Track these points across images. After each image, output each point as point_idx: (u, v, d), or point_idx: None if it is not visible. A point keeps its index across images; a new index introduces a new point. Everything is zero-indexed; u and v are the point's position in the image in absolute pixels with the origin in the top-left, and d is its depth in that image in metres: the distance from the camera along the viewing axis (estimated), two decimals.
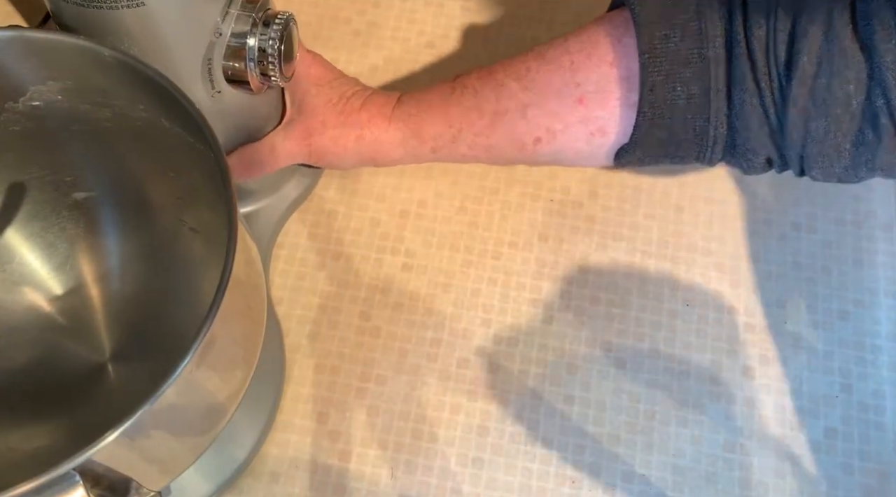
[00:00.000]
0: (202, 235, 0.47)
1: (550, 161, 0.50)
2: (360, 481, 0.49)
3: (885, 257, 0.55)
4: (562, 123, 0.48)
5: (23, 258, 0.48)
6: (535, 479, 0.49)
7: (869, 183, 0.57)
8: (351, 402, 0.51)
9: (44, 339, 0.48)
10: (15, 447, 0.45)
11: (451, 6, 0.64)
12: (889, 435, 0.50)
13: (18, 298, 0.48)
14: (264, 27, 0.44)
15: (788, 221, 0.56)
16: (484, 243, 0.56)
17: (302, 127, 0.52)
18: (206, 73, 0.45)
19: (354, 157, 0.53)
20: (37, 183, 0.46)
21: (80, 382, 0.47)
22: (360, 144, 0.52)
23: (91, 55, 0.38)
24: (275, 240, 0.55)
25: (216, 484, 0.48)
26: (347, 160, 0.53)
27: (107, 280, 0.49)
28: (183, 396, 0.34)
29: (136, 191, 0.47)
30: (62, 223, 0.48)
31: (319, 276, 0.55)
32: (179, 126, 0.39)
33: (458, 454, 0.50)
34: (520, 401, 0.51)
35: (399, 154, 0.52)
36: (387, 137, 0.52)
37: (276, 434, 0.50)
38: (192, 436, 0.38)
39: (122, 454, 0.33)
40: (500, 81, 0.50)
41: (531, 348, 0.53)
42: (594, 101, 0.46)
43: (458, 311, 0.54)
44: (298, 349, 0.53)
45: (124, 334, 0.48)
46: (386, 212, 0.57)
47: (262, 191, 0.55)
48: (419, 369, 0.52)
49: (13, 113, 0.42)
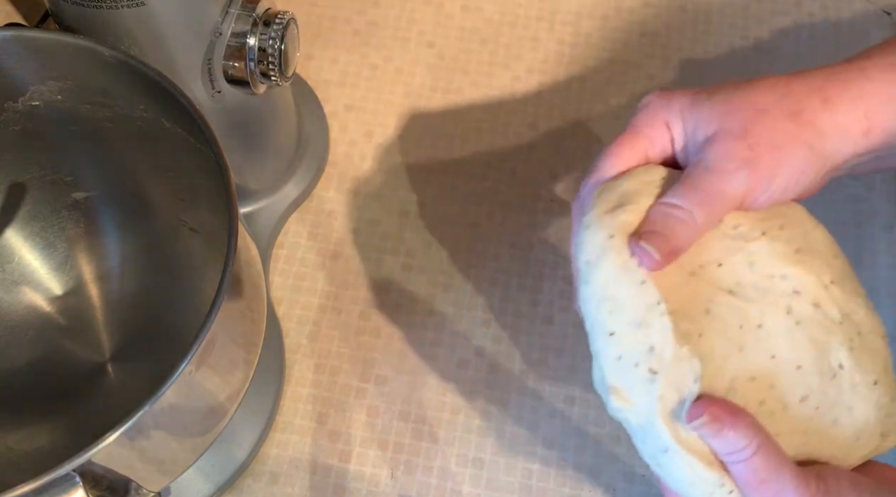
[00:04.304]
0: (202, 235, 0.47)
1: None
2: (360, 481, 0.49)
3: (885, 258, 0.55)
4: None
5: (22, 258, 0.48)
6: (535, 480, 0.49)
7: (870, 183, 0.57)
8: (351, 402, 0.51)
9: (43, 339, 0.48)
10: (14, 447, 0.45)
11: (451, 6, 0.64)
12: None
13: (18, 298, 0.48)
14: (264, 27, 0.44)
15: None
16: (484, 243, 0.56)
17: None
18: (206, 73, 0.45)
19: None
20: (37, 183, 0.46)
21: (80, 382, 0.47)
22: (830, 117, 0.37)
23: (91, 55, 0.38)
24: (275, 240, 0.55)
25: (216, 484, 0.48)
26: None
27: (106, 280, 0.49)
28: (183, 397, 0.34)
29: (136, 191, 0.47)
30: (62, 223, 0.48)
31: (319, 276, 0.55)
32: (179, 126, 0.39)
33: (459, 454, 0.50)
34: (520, 401, 0.51)
35: (890, 124, 0.38)
36: (875, 97, 0.37)
37: (276, 434, 0.50)
38: (191, 436, 0.37)
39: (122, 455, 0.33)
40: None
41: (531, 348, 0.52)
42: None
43: (458, 312, 0.54)
44: (298, 349, 0.52)
45: (124, 334, 0.48)
46: (386, 212, 0.57)
47: (262, 191, 0.55)
48: (419, 369, 0.52)
49: (13, 113, 0.42)
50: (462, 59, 0.62)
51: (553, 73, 0.61)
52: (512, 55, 0.62)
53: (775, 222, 0.38)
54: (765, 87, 0.37)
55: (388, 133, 0.59)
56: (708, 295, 0.36)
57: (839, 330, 0.36)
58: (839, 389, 0.36)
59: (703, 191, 0.36)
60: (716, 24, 0.63)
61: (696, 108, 0.37)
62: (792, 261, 0.37)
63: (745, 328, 0.36)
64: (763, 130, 0.36)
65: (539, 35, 0.63)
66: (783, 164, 0.36)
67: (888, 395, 0.37)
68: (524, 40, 0.63)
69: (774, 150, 0.36)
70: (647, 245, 0.35)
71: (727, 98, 0.37)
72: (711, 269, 0.37)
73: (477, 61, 0.62)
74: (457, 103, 0.60)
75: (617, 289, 0.35)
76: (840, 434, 0.36)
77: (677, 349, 0.34)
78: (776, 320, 0.36)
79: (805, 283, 0.37)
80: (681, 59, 0.62)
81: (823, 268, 0.38)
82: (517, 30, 0.63)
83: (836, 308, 0.37)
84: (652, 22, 0.63)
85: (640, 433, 0.36)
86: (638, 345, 0.35)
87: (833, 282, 0.37)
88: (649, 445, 0.35)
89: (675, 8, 0.64)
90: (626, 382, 0.35)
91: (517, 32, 0.63)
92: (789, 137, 0.36)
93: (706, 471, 0.34)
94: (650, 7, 0.64)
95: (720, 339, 0.35)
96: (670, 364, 0.34)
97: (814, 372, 0.36)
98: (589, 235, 0.37)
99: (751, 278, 0.36)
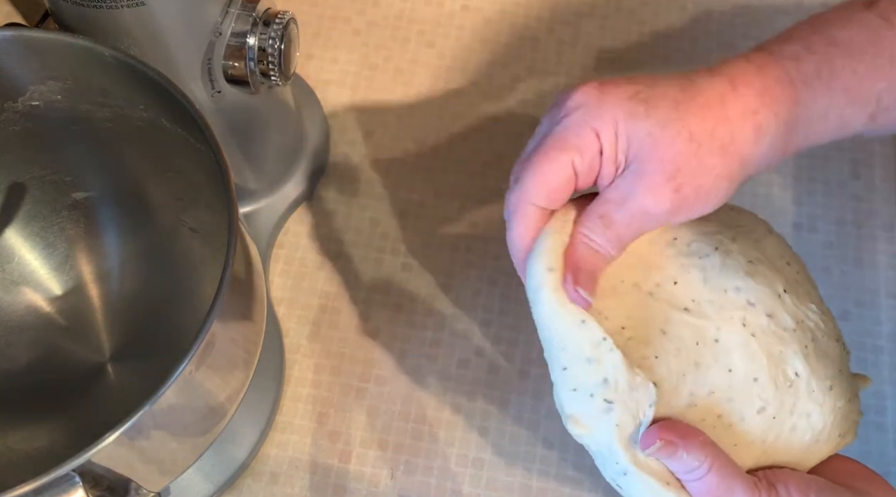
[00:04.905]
0: (202, 235, 0.47)
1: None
2: (360, 482, 0.49)
3: (886, 257, 0.55)
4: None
5: (22, 258, 0.48)
6: (535, 480, 0.49)
7: (870, 183, 0.57)
8: (351, 403, 0.51)
9: (43, 339, 0.48)
10: (14, 447, 0.45)
11: (451, 6, 0.64)
12: (889, 435, 0.50)
13: (18, 298, 0.48)
14: (264, 27, 0.44)
15: (789, 221, 0.56)
16: (484, 243, 0.56)
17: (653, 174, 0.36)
18: (206, 72, 0.45)
19: (742, 174, 0.37)
20: (37, 183, 0.46)
21: (80, 382, 0.47)
22: (757, 145, 0.36)
23: (91, 55, 0.38)
24: (275, 240, 0.55)
25: (216, 484, 0.48)
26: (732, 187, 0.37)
27: (106, 280, 0.49)
28: (183, 397, 0.34)
29: (135, 191, 0.47)
30: (62, 223, 0.48)
31: (319, 276, 0.55)
32: (179, 126, 0.39)
33: (459, 455, 0.50)
34: (520, 401, 0.51)
35: (818, 133, 0.38)
36: (798, 114, 0.37)
37: (275, 434, 0.50)
38: (191, 436, 0.37)
39: (122, 455, 0.33)
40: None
41: (531, 348, 0.52)
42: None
43: (458, 312, 0.54)
44: (298, 349, 0.52)
45: (124, 334, 0.48)
46: (386, 212, 0.57)
47: (261, 191, 0.55)
48: (419, 369, 0.52)
49: (13, 113, 0.42)
50: (462, 59, 0.62)
51: (553, 72, 0.61)
52: (512, 55, 0.62)
53: (727, 234, 0.39)
54: (702, 106, 0.36)
55: (388, 133, 0.59)
56: (664, 315, 0.37)
57: (793, 338, 0.37)
58: (796, 397, 0.37)
59: (621, 223, 0.36)
60: (716, 24, 0.63)
61: (631, 122, 0.36)
62: (745, 272, 0.38)
63: (701, 344, 0.37)
64: (693, 170, 0.36)
65: (539, 35, 0.63)
66: (703, 200, 0.36)
67: (843, 398, 0.38)
68: (524, 40, 0.63)
69: (698, 190, 0.36)
70: (582, 291, 0.36)
71: (665, 121, 0.36)
72: (668, 287, 0.37)
73: (477, 61, 0.62)
74: (457, 103, 0.60)
75: (561, 327, 0.36)
76: (799, 439, 0.37)
77: (631, 378, 0.35)
78: (731, 334, 0.37)
79: (758, 294, 0.37)
80: (681, 58, 0.62)
81: (776, 276, 0.38)
82: (517, 30, 0.63)
83: (789, 316, 0.37)
84: (652, 22, 0.63)
85: (600, 457, 0.37)
86: (591, 378, 0.35)
87: (786, 289, 0.38)
88: (609, 469, 0.36)
89: (675, 8, 0.64)
90: (583, 412, 0.36)
91: (517, 32, 0.63)
92: (714, 175, 0.36)
93: (664, 490, 0.35)
94: (650, 7, 0.64)
95: (676, 358, 0.36)
96: (626, 392, 0.35)
97: (770, 383, 0.36)
98: (530, 263, 0.37)
99: (706, 294, 0.37)
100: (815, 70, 0.37)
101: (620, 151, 0.36)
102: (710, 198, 0.36)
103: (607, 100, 0.36)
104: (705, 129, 0.36)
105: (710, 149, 0.36)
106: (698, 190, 0.36)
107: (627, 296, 0.37)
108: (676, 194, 0.36)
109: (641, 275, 0.37)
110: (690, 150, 0.35)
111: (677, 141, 0.35)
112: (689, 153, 0.35)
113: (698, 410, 0.36)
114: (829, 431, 0.38)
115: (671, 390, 0.36)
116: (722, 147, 0.36)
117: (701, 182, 0.36)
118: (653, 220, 0.36)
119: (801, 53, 0.37)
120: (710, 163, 0.36)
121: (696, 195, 0.36)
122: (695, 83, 0.37)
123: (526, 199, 0.37)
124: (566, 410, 0.36)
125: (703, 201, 0.36)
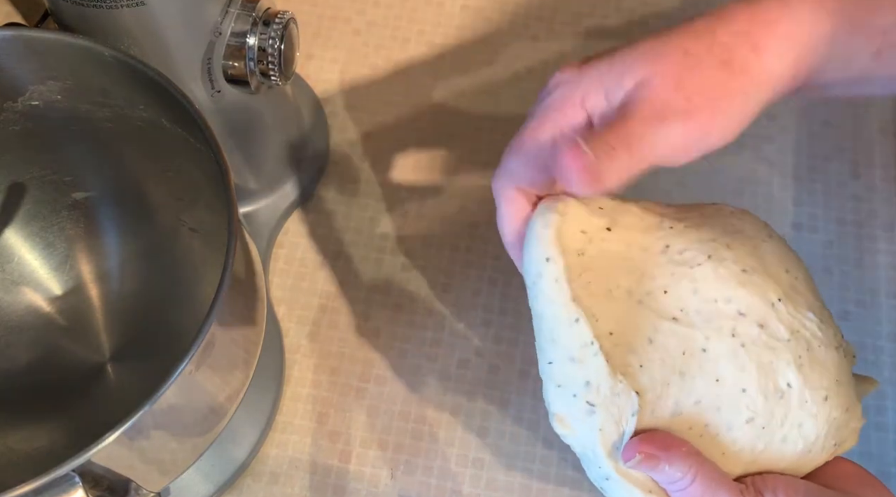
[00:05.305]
0: (202, 235, 0.47)
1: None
2: (360, 482, 0.49)
3: (886, 257, 0.55)
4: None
5: (22, 258, 0.48)
6: (535, 480, 0.49)
7: (870, 183, 0.57)
8: (351, 403, 0.51)
9: (43, 339, 0.48)
10: (14, 447, 0.45)
11: (451, 6, 0.64)
12: (889, 435, 0.50)
13: (18, 298, 0.48)
14: (264, 26, 0.44)
15: (789, 221, 0.56)
16: (484, 243, 0.56)
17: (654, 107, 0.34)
18: (206, 72, 0.45)
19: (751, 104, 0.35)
20: (36, 183, 0.46)
21: (80, 383, 0.47)
22: (760, 62, 0.35)
23: (91, 55, 0.38)
24: (275, 240, 0.55)
25: (216, 484, 0.48)
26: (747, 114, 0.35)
27: (106, 280, 0.49)
28: (183, 397, 0.34)
29: (135, 191, 0.47)
30: (61, 223, 0.48)
31: (319, 276, 0.55)
32: (179, 126, 0.39)
33: (459, 455, 0.50)
34: (520, 401, 0.51)
35: (822, 63, 0.36)
36: (802, 38, 0.35)
37: (275, 434, 0.50)
38: (191, 436, 0.37)
39: (122, 455, 0.33)
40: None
41: (531, 348, 0.52)
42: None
43: (458, 312, 0.54)
44: (298, 349, 0.52)
45: (124, 335, 0.48)
46: (386, 212, 0.57)
47: (261, 191, 0.55)
48: (419, 369, 0.52)
49: (13, 113, 0.42)
50: (462, 59, 0.62)
51: (553, 72, 0.61)
52: (511, 55, 0.62)
53: (723, 242, 0.38)
54: (690, 33, 0.35)
55: (388, 133, 0.59)
56: (652, 324, 0.36)
57: (786, 348, 0.37)
58: (787, 408, 0.36)
59: (633, 127, 0.34)
60: None
61: (618, 61, 0.34)
62: (737, 282, 0.37)
63: (687, 354, 0.36)
64: (699, 80, 0.34)
65: (539, 35, 0.63)
66: (719, 116, 0.34)
67: (839, 408, 0.37)
68: (524, 40, 0.63)
69: (712, 102, 0.34)
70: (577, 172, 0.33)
71: (653, 45, 0.34)
72: (658, 295, 0.37)
73: (477, 61, 0.62)
74: (457, 103, 0.60)
75: (553, 321, 0.36)
76: (790, 450, 0.37)
77: (614, 384, 0.35)
78: (720, 344, 0.36)
79: (749, 304, 0.37)
80: None
81: (770, 284, 0.38)
82: (517, 30, 0.63)
83: (782, 326, 0.37)
84: (652, 22, 0.63)
85: (585, 459, 0.37)
86: (574, 377, 0.35)
87: (781, 299, 0.37)
88: (593, 472, 0.37)
89: (675, 7, 0.64)
90: (568, 411, 0.36)
91: (517, 32, 0.63)
92: (725, 89, 0.34)
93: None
94: (650, 7, 0.64)
95: (661, 367, 0.36)
96: (608, 398, 0.35)
97: (758, 393, 0.36)
98: (528, 249, 0.37)
99: (695, 304, 0.37)
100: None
101: (617, 95, 0.35)
102: (729, 111, 0.34)
103: (587, 69, 0.35)
104: (699, 47, 0.34)
105: (710, 63, 0.34)
106: (710, 100, 0.34)
107: (619, 302, 0.37)
108: (688, 103, 0.33)
109: (635, 282, 0.37)
110: (689, 62, 0.34)
111: (673, 56, 0.34)
112: (688, 66, 0.34)
113: (684, 419, 0.36)
114: (822, 442, 0.37)
115: (655, 400, 0.36)
116: (723, 62, 0.34)
117: (710, 94, 0.34)
118: (669, 135, 0.34)
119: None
120: (715, 75, 0.34)
121: (709, 106, 0.34)
122: (674, 28, 0.36)
123: (509, 180, 0.36)
124: (552, 408, 0.36)
125: (721, 114, 0.34)
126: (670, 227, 0.38)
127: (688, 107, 0.34)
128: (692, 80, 0.34)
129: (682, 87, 0.34)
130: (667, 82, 0.34)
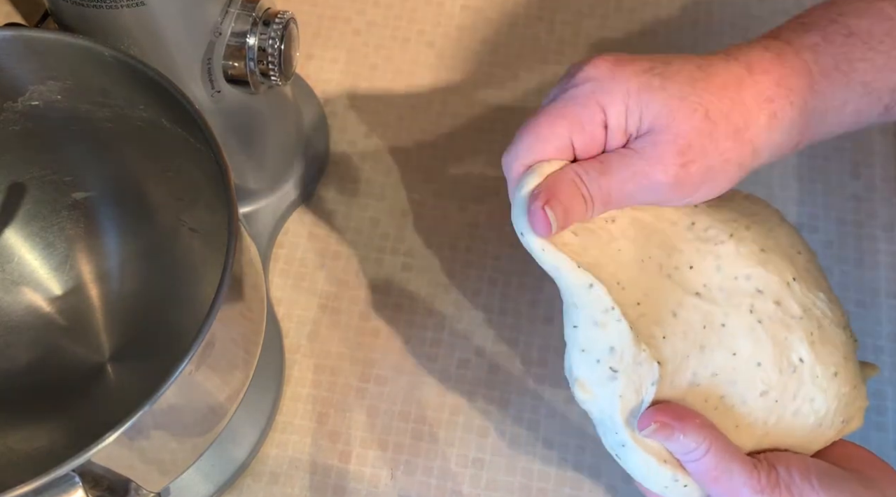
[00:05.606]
0: (202, 235, 0.47)
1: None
2: (360, 482, 0.49)
3: (886, 257, 0.55)
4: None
5: (22, 258, 0.48)
6: (535, 481, 0.49)
7: (870, 183, 0.57)
8: (351, 403, 0.51)
9: (43, 340, 0.48)
10: (14, 447, 0.45)
11: (451, 6, 0.64)
12: (889, 435, 0.50)
13: (18, 298, 0.48)
14: (264, 26, 0.44)
15: (789, 221, 0.56)
16: (484, 243, 0.56)
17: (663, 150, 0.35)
18: (206, 72, 0.45)
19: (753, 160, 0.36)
20: (36, 183, 0.46)
21: (80, 383, 0.47)
22: (771, 133, 0.36)
23: (91, 55, 0.38)
24: (275, 240, 0.55)
25: (216, 484, 0.48)
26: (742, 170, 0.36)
27: (106, 280, 0.49)
28: (183, 397, 0.34)
29: (135, 191, 0.47)
30: (61, 223, 0.48)
31: (319, 276, 0.55)
32: (179, 126, 0.39)
33: (459, 455, 0.50)
34: (520, 401, 0.51)
35: (833, 124, 0.38)
36: (815, 105, 0.36)
37: (275, 434, 0.50)
38: (191, 436, 0.37)
39: (122, 455, 0.33)
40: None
41: (531, 348, 0.52)
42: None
43: (458, 312, 0.54)
44: (298, 349, 0.52)
45: (124, 335, 0.48)
46: (386, 212, 0.57)
47: (262, 191, 0.55)
48: (419, 369, 0.52)
49: (13, 113, 0.42)
50: (462, 59, 0.62)
51: (553, 72, 0.61)
52: (512, 55, 0.62)
53: (742, 223, 0.40)
54: (719, 87, 0.35)
55: (388, 133, 0.59)
56: (677, 297, 0.38)
57: (799, 325, 0.38)
58: (800, 383, 0.38)
59: (617, 177, 0.35)
60: (716, 24, 0.63)
61: (646, 93, 0.35)
62: (756, 261, 0.39)
63: (708, 328, 0.38)
64: (704, 150, 0.35)
65: (539, 35, 0.63)
66: (706, 186, 0.36)
67: (849, 384, 0.39)
68: (524, 40, 0.63)
69: (706, 171, 0.35)
70: (550, 214, 0.35)
71: (681, 95, 0.35)
72: (684, 271, 0.38)
73: (477, 61, 0.62)
74: (457, 103, 0.60)
75: (574, 285, 0.36)
76: (801, 424, 0.38)
77: (637, 352, 0.36)
78: (738, 320, 0.38)
79: (767, 282, 0.38)
80: None
81: (786, 265, 0.39)
82: (517, 30, 0.63)
83: (796, 304, 0.38)
84: (652, 22, 0.63)
85: (601, 426, 0.38)
86: (599, 342, 0.36)
87: (795, 278, 0.39)
88: (609, 438, 0.38)
89: (675, 8, 0.64)
90: (590, 376, 0.37)
91: (517, 32, 0.63)
92: (725, 159, 0.35)
93: (660, 467, 0.37)
94: (650, 7, 0.64)
95: (683, 339, 0.37)
96: (630, 365, 0.36)
97: (773, 367, 0.37)
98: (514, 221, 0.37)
99: (717, 281, 0.38)
100: (833, 62, 0.37)
101: (632, 123, 0.36)
102: (717, 181, 0.36)
103: (619, 74, 0.36)
104: (721, 110, 0.35)
105: (725, 131, 0.35)
106: (706, 171, 0.35)
107: (649, 274, 0.38)
108: (683, 170, 0.35)
109: (665, 255, 0.38)
110: (706, 128, 0.35)
111: (694, 117, 0.35)
112: (704, 132, 0.35)
113: (701, 391, 0.37)
114: (832, 416, 0.38)
115: (674, 371, 0.37)
116: (736, 131, 0.35)
117: (711, 163, 0.35)
118: (649, 190, 0.35)
119: (819, 44, 0.37)
120: (723, 145, 0.35)
121: (702, 176, 0.35)
122: (712, 64, 0.36)
123: (518, 159, 0.37)
124: (574, 373, 0.37)
125: (709, 183, 0.36)
126: (694, 204, 0.39)
127: (681, 175, 0.35)
128: (699, 147, 0.35)
129: (685, 154, 0.35)
130: (675, 145, 0.35)
